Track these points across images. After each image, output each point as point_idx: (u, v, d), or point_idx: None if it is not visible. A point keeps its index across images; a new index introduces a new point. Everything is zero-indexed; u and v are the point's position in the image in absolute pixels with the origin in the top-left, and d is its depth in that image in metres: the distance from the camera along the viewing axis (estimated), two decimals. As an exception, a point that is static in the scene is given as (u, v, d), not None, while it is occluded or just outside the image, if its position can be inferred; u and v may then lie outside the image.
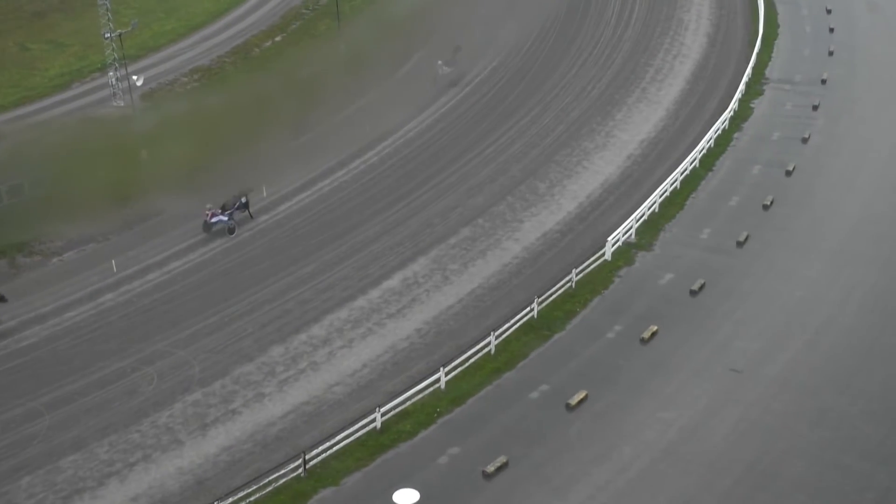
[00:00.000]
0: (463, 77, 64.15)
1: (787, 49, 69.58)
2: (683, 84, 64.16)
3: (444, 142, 56.67)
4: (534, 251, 45.30)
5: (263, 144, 53.38)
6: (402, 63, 66.14)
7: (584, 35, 72.12)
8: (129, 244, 46.71)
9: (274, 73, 66.23)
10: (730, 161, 53.75)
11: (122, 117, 59.84)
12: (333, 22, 71.50)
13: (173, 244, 46.50)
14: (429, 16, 72.76)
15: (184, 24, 74.81)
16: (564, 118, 59.18)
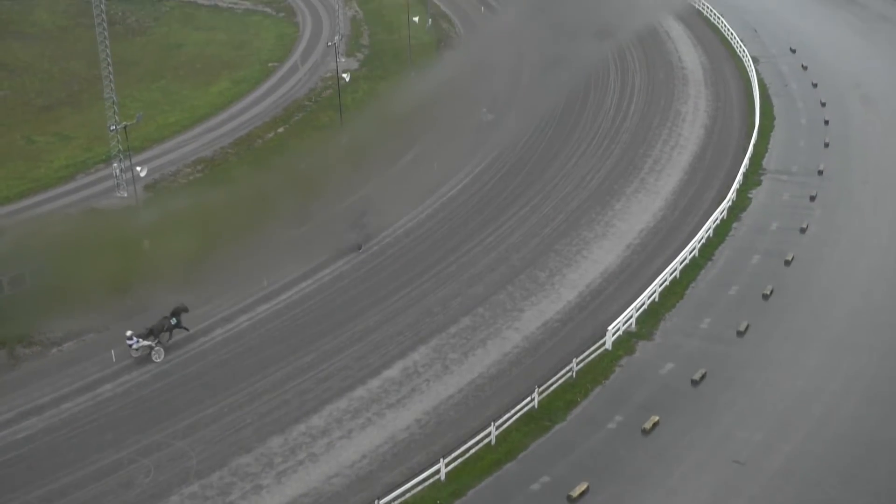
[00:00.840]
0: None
1: (784, 140, 70.97)
2: (682, 174, 65.32)
3: (443, 231, 57.48)
4: (534, 340, 45.57)
5: (264, 235, 54.09)
6: (403, 155, 67.42)
7: (583, 126, 73.67)
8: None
9: (275, 164, 67.52)
10: (729, 251, 54.43)
11: (125, 208, 60.80)
12: (335, 114, 73.15)
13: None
14: (431, 110, 74.52)
15: (188, 116, 76.51)
16: (564, 207, 60.12)
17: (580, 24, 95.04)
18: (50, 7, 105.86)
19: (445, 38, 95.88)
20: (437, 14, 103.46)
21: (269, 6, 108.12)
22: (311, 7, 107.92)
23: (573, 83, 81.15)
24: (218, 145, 70.83)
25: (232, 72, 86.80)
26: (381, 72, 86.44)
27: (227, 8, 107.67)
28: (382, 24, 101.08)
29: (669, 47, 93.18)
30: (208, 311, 48.32)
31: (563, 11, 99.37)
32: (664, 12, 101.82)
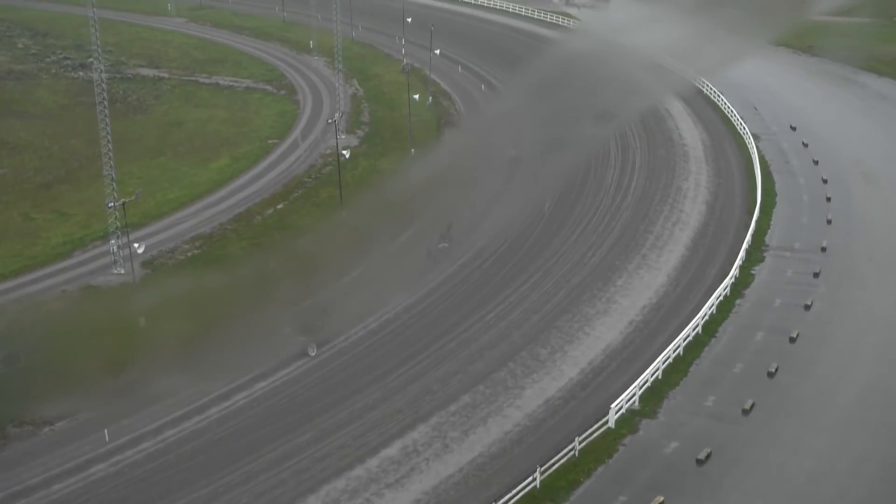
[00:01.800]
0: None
1: (786, 217, 71.69)
2: (684, 251, 65.85)
3: (443, 308, 57.72)
4: (536, 418, 45.45)
5: (263, 312, 54.30)
6: (403, 232, 68.02)
7: (584, 203, 74.49)
8: (123, 412, 46.85)
9: (275, 242, 68.10)
10: (733, 327, 54.59)
11: (121, 285, 61.15)
12: (335, 190, 74.03)
13: (168, 412, 46.67)
14: (431, 186, 75.39)
15: (187, 192, 77.39)
16: (565, 284, 60.47)
17: (581, 104, 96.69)
18: (51, 87, 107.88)
19: (446, 116, 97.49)
20: (437, 92, 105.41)
21: (270, 84, 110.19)
22: (311, 85, 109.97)
23: (573, 162, 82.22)
24: (217, 222, 71.51)
25: (232, 149, 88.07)
26: (381, 149, 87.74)
27: (228, 86, 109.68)
28: (383, 102, 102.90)
29: (670, 125, 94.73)
30: (204, 389, 48.27)
31: (564, 91, 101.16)
32: (667, 93, 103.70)
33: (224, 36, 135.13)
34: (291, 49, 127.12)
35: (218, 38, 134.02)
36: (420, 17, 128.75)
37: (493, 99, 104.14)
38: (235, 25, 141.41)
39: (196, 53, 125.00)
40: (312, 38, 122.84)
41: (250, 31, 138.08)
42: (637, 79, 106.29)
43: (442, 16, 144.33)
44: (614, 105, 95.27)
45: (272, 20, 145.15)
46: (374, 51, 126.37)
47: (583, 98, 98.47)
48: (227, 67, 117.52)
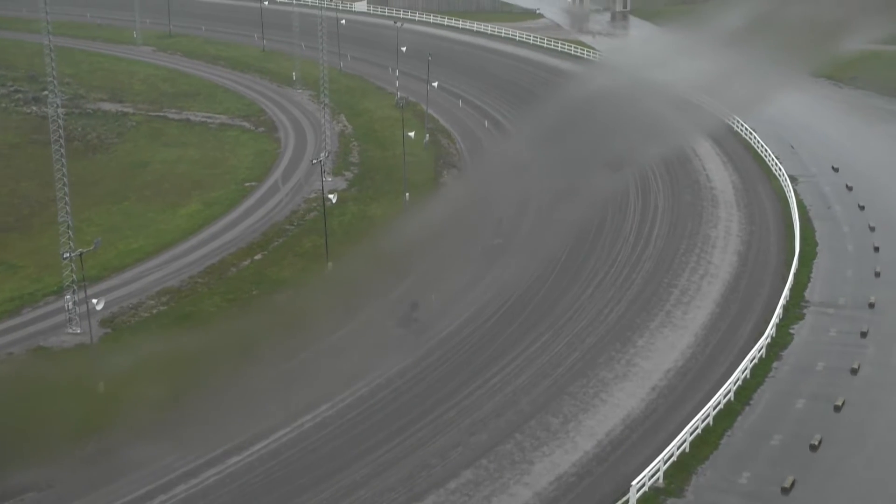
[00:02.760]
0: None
1: (828, 269, 72.03)
2: (713, 307, 66.09)
3: (441, 371, 57.81)
4: (546, 497, 45.34)
5: (238, 376, 54.40)
6: (396, 286, 68.30)
7: (599, 253, 74.90)
8: (76, 492, 46.63)
9: (251, 296, 68.36)
10: (769, 394, 54.66)
11: (77, 346, 61.31)
12: (320, 239, 74.50)
13: (128, 491, 46.53)
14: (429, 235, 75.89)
15: (153, 241, 77.87)
16: (579, 345, 60.64)
17: (597, 144, 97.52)
18: (1, 123, 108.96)
19: (445, 157, 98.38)
20: (435, 129, 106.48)
21: (247, 120, 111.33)
22: (293, 121, 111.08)
23: (588, 208, 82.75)
24: (186, 274, 71.84)
25: (204, 192, 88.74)
26: (372, 192, 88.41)
27: (200, 122, 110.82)
28: (374, 140, 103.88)
29: (696, 165, 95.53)
30: (170, 464, 48.20)
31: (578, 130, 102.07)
32: (693, 130, 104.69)
33: (196, 67, 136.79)
34: (272, 81, 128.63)
35: (189, 68, 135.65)
36: (416, 45, 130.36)
37: (498, 138, 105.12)
38: (209, 55, 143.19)
39: (164, 86, 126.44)
40: (295, 69, 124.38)
41: (226, 61, 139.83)
42: (660, 115, 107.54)
43: (440, 44, 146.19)
44: (634, 145, 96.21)
45: (250, 49, 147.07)
46: (365, 83, 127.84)
47: (599, 137, 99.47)
48: (200, 102, 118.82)
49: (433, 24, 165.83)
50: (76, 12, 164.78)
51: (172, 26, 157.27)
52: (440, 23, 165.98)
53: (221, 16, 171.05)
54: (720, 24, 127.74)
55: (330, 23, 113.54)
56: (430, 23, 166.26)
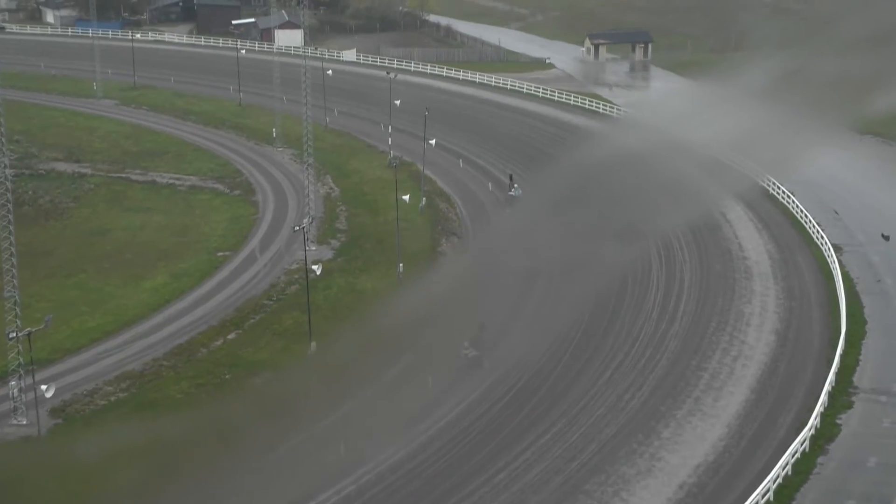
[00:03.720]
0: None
1: (880, 350, 71.97)
2: (748, 393, 66.02)
3: (440, 466, 57.58)
4: None
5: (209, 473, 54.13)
6: (388, 368, 68.25)
7: (619, 331, 74.97)
8: None
9: (223, 380, 68.22)
10: (814, 494, 54.42)
11: (22, 439, 61.00)
12: (302, 316, 74.54)
13: None
14: (425, 311, 76.09)
15: (112, 319, 77.90)
16: (596, 436, 60.45)
17: (616, 209, 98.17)
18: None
19: (444, 223, 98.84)
20: (433, 192, 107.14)
21: (221, 182, 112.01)
22: (273, 182, 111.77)
23: (606, 280, 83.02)
24: (150, 356, 71.80)
25: (171, 263, 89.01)
26: (361, 263, 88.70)
27: (168, 184, 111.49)
28: (364, 204, 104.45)
29: (727, 232, 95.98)
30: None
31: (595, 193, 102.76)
32: (723, 194, 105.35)
33: (164, 122, 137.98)
34: (249, 138, 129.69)
35: (156, 124, 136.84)
36: (411, 98, 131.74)
37: (504, 202, 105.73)
38: (178, 109, 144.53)
39: (128, 144, 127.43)
40: (275, 125, 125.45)
41: (197, 116, 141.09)
42: (685, 176, 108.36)
43: (438, 97, 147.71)
44: (656, 209, 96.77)
45: (225, 102, 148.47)
46: (354, 140, 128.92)
47: (617, 202, 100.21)
48: (167, 161, 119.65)
49: (430, 74, 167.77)
50: (29, 62, 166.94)
51: (137, 77, 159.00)
52: (438, 73, 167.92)
53: (193, 66, 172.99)
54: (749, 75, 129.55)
55: (315, 73, 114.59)
56: (427, 73, 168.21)
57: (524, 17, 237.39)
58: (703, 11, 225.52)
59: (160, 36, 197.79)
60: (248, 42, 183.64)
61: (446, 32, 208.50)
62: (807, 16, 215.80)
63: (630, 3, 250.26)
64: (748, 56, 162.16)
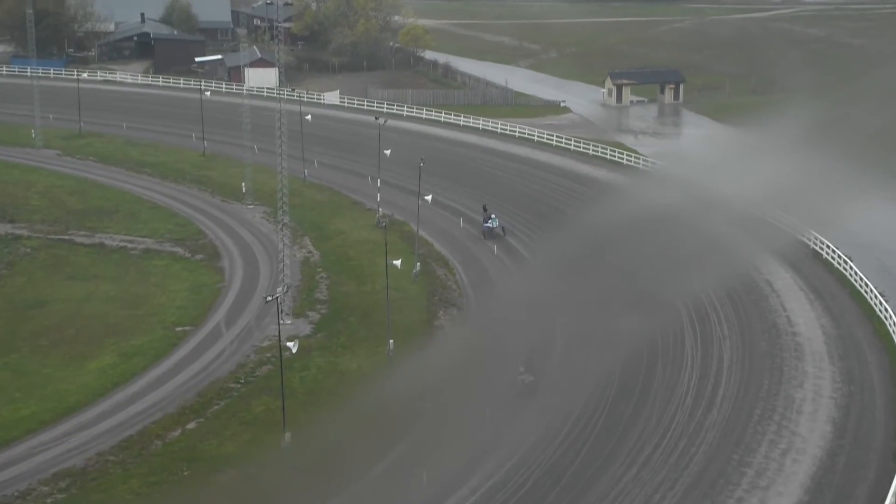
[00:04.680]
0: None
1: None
2: (800, 494, 65.78)
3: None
4: None
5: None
6: (376, 463, 67.99)
7: (647, 419, 74.83)
8: None
9: (181, 478, 67.86)
10: None
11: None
12: (276, 402, 74.30)
13: None
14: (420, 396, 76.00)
15: (50, 406, 77.58)
16: (621, 545, 60.15)
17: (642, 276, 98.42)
18: None
19: (441, 292, 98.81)
20: (428, 255, 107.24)
21: (181, 245, 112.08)
22: (241, 245, 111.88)
23: (631, 358, 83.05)
24: (94, 450, 71.48)
25: (121, 340, 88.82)
26: (344, 339, 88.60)
27: (118, 248, 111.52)
28: (348, 271, 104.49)
29: (773, 303, 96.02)
30: None
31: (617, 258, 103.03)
32: (767, 256, 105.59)
33: (115, 175, 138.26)
34: (214, 194, 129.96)
35: (105, 178, 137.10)
36: (404, 147, 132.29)
37: (512, 267, 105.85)
38: (132, 160, 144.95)
39: (72, 201, 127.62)
40: (245, 179, 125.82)
41: (154, 168, 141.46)
42: (722, 236, 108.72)
43: (435, 146, 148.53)
44: (689, 274, 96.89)
45: (187, 152, 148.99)
46: (336, 196, 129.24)
47: (643, 265, 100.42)
48: (119, 221, 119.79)
49: (426, 120, 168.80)
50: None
51: (84, 123, 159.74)
52: (435, 118, 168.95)
53: (149, 110, 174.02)
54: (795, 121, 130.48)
55: (291, 119, 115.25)
56: (423, 118, 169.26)
57: (535, 53, 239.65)
58: (744, 48, 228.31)
59: (111, 75, 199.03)
60: (214, 82, 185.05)
61: (444, 71, 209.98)
62: (864, 52, 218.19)
63: (657, 37, 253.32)
64: (794, 99, 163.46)
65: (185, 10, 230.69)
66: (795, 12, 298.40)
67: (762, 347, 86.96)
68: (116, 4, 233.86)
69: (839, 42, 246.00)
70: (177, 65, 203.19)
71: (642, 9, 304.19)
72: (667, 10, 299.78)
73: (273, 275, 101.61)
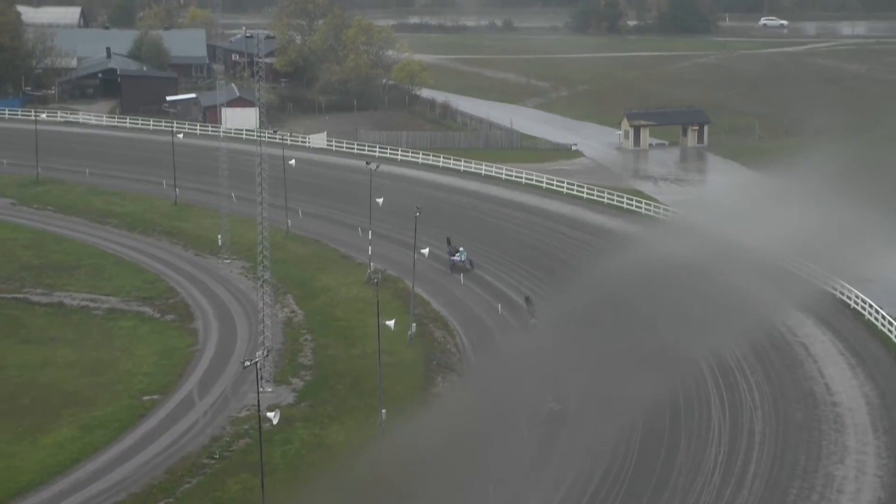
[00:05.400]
0: None
1: None
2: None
3: None
4: None
5: None
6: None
7: (670, 499, 74.61)
8: None
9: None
10: None
11: None
12: (254, 479, 74.02)
13: None
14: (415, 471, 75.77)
15: (1, 486, 77.17)
16: None
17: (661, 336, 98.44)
18: None
19: (440, 356, 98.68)
20: (426, 316, 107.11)
21: (149, 304, 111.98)
22: (217, 304, 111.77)
23: (650, 429, 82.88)
24: (47, 538, 71.31)
25: (81, 411, 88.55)
26: (331, 409, 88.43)
27: (79, 307, 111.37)
28: (336, 332, 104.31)
29: (809, 368, 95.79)
30: None
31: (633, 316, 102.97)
32: (802, 315, 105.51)
33: (76, 227, 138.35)
34: (187, 247, 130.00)
35: (66, 230, 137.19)
36: (398, 195, 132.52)
37: (517, 328, 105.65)
38: (95, 210, 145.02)
39: (27, 255, 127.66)
40: (222, 230, 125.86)
41: (120, 218, 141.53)
42: (752, 294, 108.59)
43: (433, 194, 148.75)
44: (714, 335, 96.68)
45: (156, 201, 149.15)
46: (323, 249, 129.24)
47: (663, 326, 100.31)
48: (80, 278, 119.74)
49: (423, 165, 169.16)
50: None
51: (42, 169, 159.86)
52: (433, 163, 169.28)
53: (115, 154, 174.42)
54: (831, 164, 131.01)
55: (274, 164, 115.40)
56: (419, 163, 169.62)
57: (543, 91, 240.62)
58: (776, 85, 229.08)
59: (73, 116, 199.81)
60: (188, 123, 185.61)
61: (443, 111, 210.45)
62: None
63: (679, 74, 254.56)
64: (828, 141, 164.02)
65: (156, 44, 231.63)
66: (832, 46, 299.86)
67: (797, 418, 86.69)
68: (79, 38, 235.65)
69: (880, 79, 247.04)
70: (146, 104, 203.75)
71: (662, 42, 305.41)
72: (689, 43, 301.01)
73: (252, 337, 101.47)
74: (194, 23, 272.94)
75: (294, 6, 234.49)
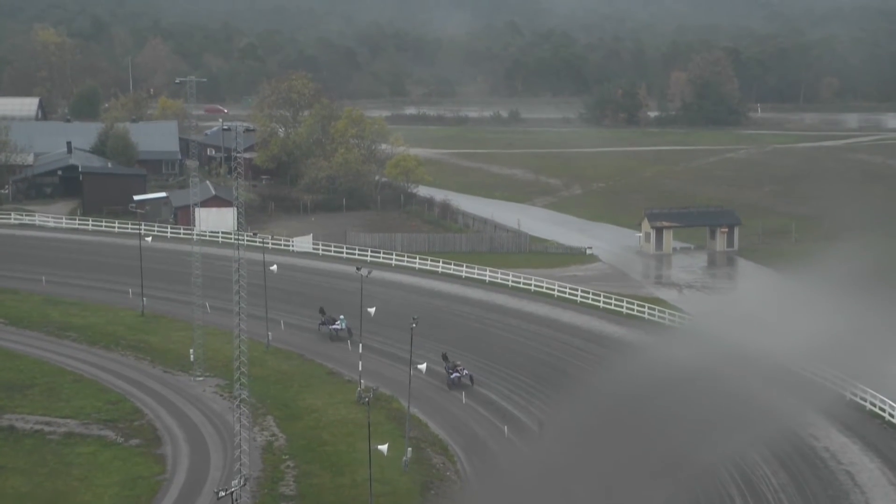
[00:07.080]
0: None
1: None
2: None
3: None
4: None
5: None
6: None
7: None
8: None
9: None
10: None
11: None
12: None
13: None
14: None
15: None
16: None
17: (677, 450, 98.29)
18: None
19: (437, 485, 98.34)
20: (422, 439, 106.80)
21: (112, 427, 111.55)
22: (188, 426, 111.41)
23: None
24: None
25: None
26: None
27: (32, 431, 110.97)
28: (322, 458, 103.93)
29: (857, 499, 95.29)
30: None
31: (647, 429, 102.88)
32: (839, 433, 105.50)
33: (30, 341, 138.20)
34: (155, 363, 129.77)
35: (18, 344, 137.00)
36: (392, 304, 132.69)
37: (525, 451, 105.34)
38: (52, 322, 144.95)
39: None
40: (194, 345, 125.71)
41: (80, 332, 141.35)
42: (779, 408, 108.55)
43: (431, 303, 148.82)
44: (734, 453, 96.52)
45: (121, 312, 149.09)
46: (307, 365, 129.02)
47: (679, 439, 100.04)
48: (34, 399, 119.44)
49: (419, 270, 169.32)
50: None
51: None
52: (431, 269, 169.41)
53: (75, 259, 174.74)
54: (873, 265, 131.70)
55: (253, 270, 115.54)
56: (415, 269, 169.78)
57: (555, 189, 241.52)
58: (814, 183, 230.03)
59: (28, 218, 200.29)
60: (157, 225, 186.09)
61: (443, 211, 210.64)
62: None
63: (707, 171, 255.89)
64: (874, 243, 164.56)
65: (123, 137, 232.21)
66: (875, 140, 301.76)
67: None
68: (37, 132, 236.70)
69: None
70: (111, 204, 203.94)
71: (686, 136, 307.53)
72: (716, 136, 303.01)
73: (227, 464, 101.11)
74: (165, 114, 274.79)
75: (276, 96, 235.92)
